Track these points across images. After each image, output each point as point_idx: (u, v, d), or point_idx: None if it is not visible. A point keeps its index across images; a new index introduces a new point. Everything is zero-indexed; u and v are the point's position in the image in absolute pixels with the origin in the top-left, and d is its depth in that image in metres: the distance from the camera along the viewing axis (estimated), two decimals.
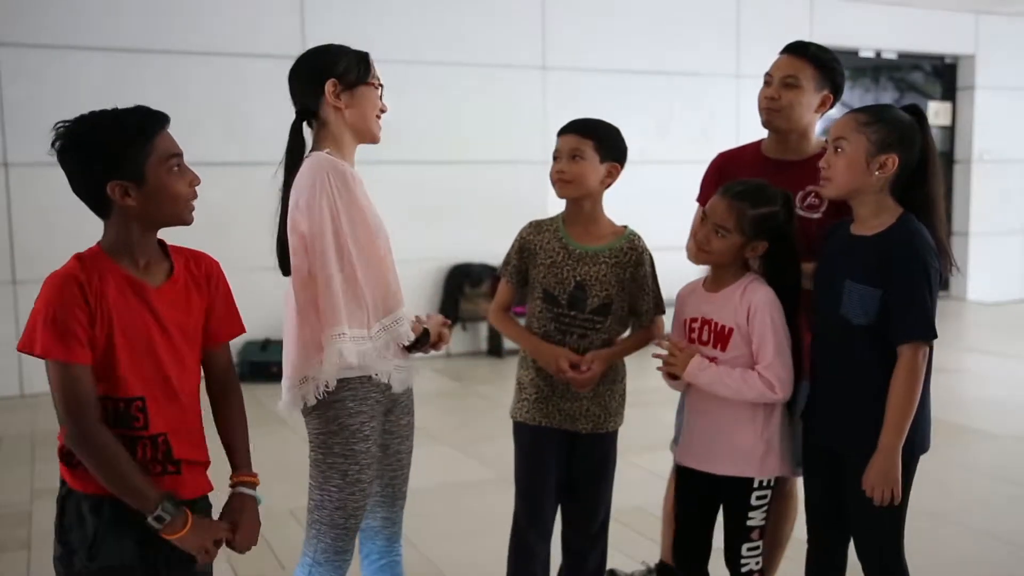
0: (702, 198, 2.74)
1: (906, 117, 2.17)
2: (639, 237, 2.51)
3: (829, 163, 2.18)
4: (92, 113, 1.72)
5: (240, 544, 1.86)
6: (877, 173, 2.13)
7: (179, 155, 1.77)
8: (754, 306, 2.30)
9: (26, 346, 1.68)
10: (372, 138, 2.27)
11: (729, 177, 2.59)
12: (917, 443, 2.18)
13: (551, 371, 2.43)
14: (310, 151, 2.20)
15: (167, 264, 1.84)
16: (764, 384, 2.26)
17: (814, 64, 2.59)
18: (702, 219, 2.35)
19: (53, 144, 1.71)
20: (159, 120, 1.75)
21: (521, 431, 2.53)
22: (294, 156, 2.18)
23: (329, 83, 2.17)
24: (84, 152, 1.70)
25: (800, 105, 2.58)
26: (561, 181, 2.42)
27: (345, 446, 2.14)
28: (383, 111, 2.27)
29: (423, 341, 2.23)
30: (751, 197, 2.29)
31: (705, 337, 2.35)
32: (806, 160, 2.59)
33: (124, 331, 1.73)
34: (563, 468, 2.50)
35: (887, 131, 2.12)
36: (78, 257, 1.75)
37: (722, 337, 2.32)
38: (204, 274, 1.90)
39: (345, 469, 2.14)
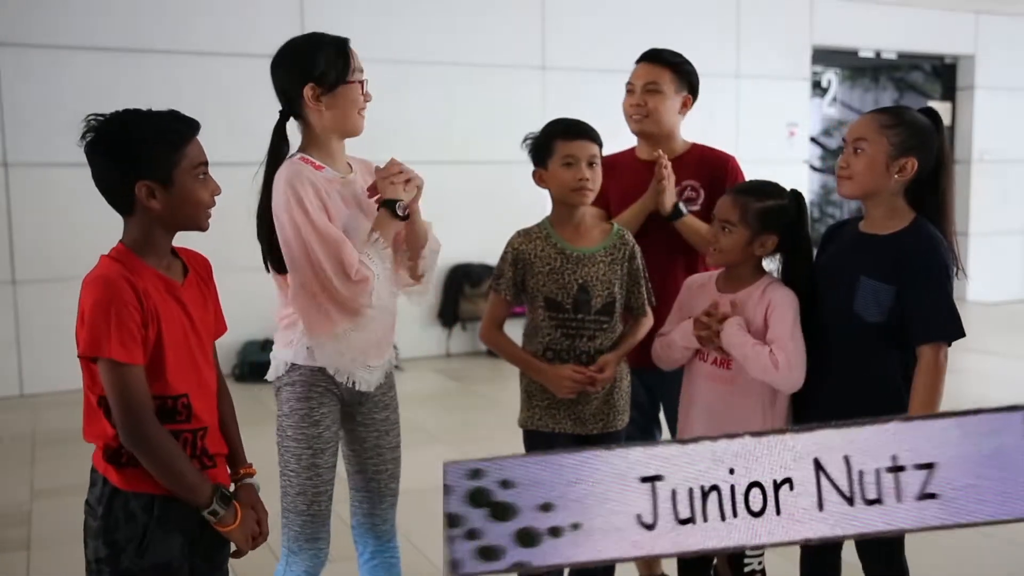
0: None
1: (925, 120, 2.16)
2: (628, 232, 2.52)
3: (848, 163, 2.17)
4: (127, 111, 1.76)
5: (265, 529, 1.93)
6: (896, 176, 2.12)
7: (206, 163, 1.81)
8: (773, 303, 2.27)
9: (91, 350, 1.68)
10: (354, 134, 2.27)
11: (610, 181, 2.64)
12: None
13: (561, 393, 2.41)
14: (295, 151, 2.23)
15: (180, 263, 1.88)
16: (770, 360, 2.20)
17: (671, 69, 2.79)
18: (710, 220, 2.37)
19: (84, 135, 1.72)
20: (192, 126, 1.79)
21: (534, 439, 2.51)
22: (273, 157, 2.22)
23: (307, 88, 2.16)
24: (117, 150, 1.72)
25: (664, 108, 2.77)
26: (586, 190, 2.39)
27: (296, 430, 2.20)
28: (367, 101, 2.24)
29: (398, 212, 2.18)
30: (755, 192, 2.30)
31: None
32: (676, 159, 2.79)
33: (168, 330, 1.77)
34: None
35: (908, 134, 2.12)
36: (113, 258, 1.76)
37: None
38: (205, 272, 1.95)
39: (299, 453, 2.20)
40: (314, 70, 2.16)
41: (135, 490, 1.76)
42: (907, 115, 2.16)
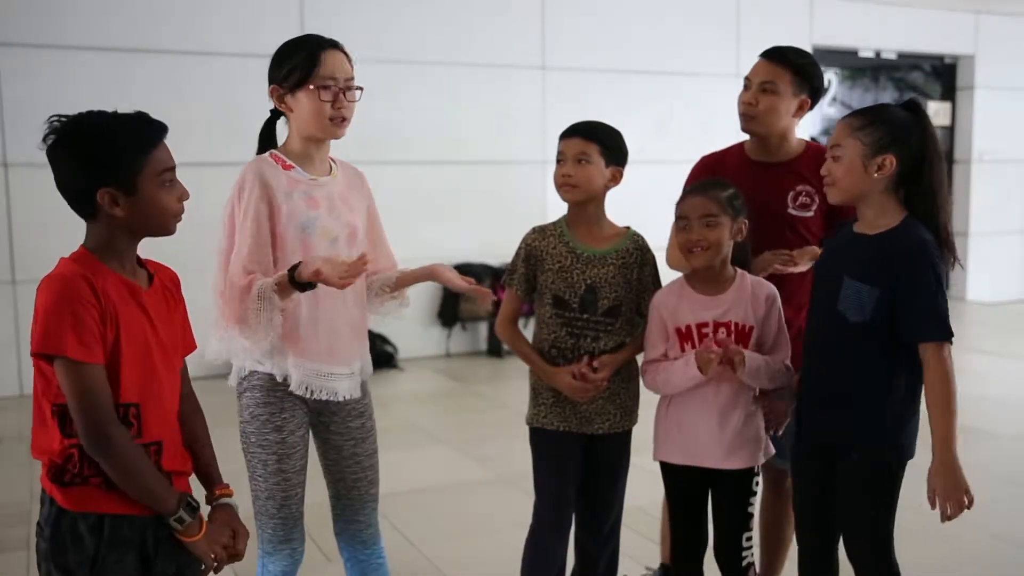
0: None
1: (900, 115, 2.16)
2: (642, 237, 2.52)
3: (829, 171, 2.19)
4: (90, 114, 1.68)
5: (241, 548, 1.84)
6: (876, 175, 2.13)
7: (172, 169, 1.73)
8: (769, 299, 2.37)
9: (44, 347, 1.61)
10: (321, 139, 2.24)
11: (721, 175, 2.61)
12: (905, 449, 2.18)
13: (567, 392, 2.41)
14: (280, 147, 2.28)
15: (145, 271, 1.82)
16: (787, 370, 2.36)
17: (792, 70, 2.62)
18: (683, 227, 2.35)
19: (45, 138, 1.66)
20: (158, 131, 1.72)
21: (540, 437, 2.51)
22: (259, 154, 2.26)
23: (270, 89, 2.21)
24: (78, 155, 1.66)
25: (777, 111, 2.62)
26: (567, 185, 2.41)
27: (259, 435, 2.21)
28: (339, 109, 2.18)
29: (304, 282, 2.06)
30: (714, 186, 2.38)
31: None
32: (790, 161, 2.68)
33: (127, 333, 1.69)
34: (580, 471, 2.51)
35: (881, 133, 2.12)
36: (73, 259, 1.70)
37: (743, 336, 2.34)
38: (173, 285, 1.88)
39: (264, 459, 2.21)
40: (279, 71, 2.19)
41: (81, 510, 1.68)
42: (880, 113, 2.16)
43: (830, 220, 2.71)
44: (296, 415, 2.23)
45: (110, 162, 1.65)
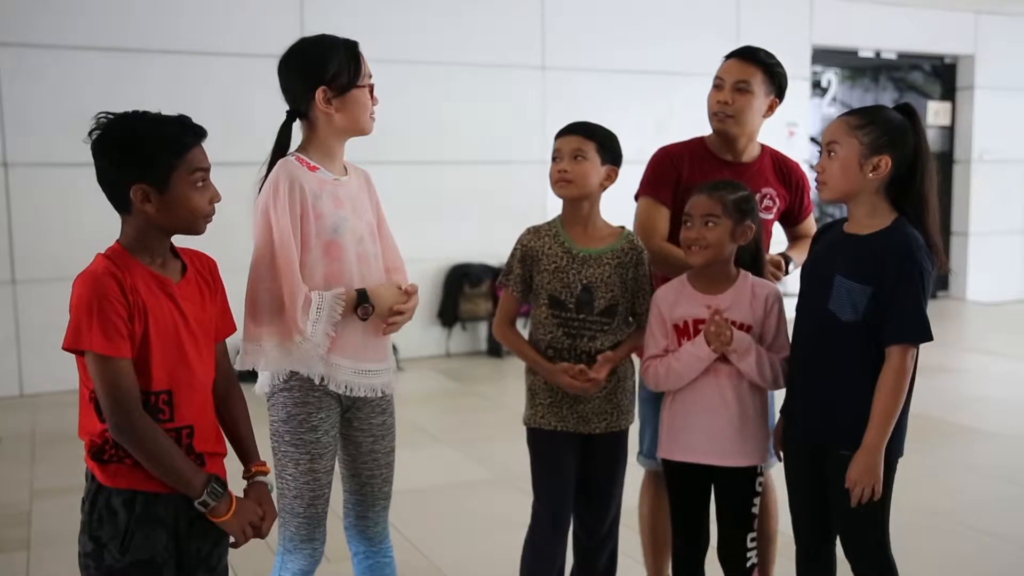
0: (653, 191, 2.70)
1: (897, 117, 2.17)
2: (636, 237, 2.52)
3: (824, 167, 2.20)
4: (135, 113, 1.78)
5: (266, 529, 1.93)
6: (871, 175, 2.14)
7: (206, 169, 1.82)
8: (771, 299, 2.38)
9: (73, 343, 1.71)
10: (363, 134, 2.28)
11: (683, 168, 2.65)
12: (896, 448, 2.19)
13: (567, 388, 2.42)
14: (295, 150, 2.24)
15: (179, 262, 1.90)
16: (784, 371, 2.35)
17: (763, 69, 2.66)
18: (684, 224, 2.37)
19: (91, 133, 1.75)
20: (196, 134, 1.81)
21: (538, 437, 2.52)
22: (277, 157, 2.22)
23: (319, 91, 2.17)
24: (118, 149, 1.75)
25: (752, 110, 2.65)
26: (563, 181, 2.42)
27: (294, 435, 2.21)
28: (375, 104, 2.27)
29: (365, 308, 2.20)
30: (724, 187, 2.38)
31: None
32: (753, 162, 2.73)
33: (156, 325, 1.78)
34: (578, 470, 2.51)
35: (879, 133, 2.13)
36: (106, 256, 1.79)
37: None
38: (209, 272, 1.96)
39: (296, 458, 2.21)
40: (325, 73, 2.17)
41: (117, 486, 1.78)
42: (878, 114, 2.18)
43: (784, 224, 2.81)
44: (331, 415, 2.24)
45: (145, 159, 1.75)
